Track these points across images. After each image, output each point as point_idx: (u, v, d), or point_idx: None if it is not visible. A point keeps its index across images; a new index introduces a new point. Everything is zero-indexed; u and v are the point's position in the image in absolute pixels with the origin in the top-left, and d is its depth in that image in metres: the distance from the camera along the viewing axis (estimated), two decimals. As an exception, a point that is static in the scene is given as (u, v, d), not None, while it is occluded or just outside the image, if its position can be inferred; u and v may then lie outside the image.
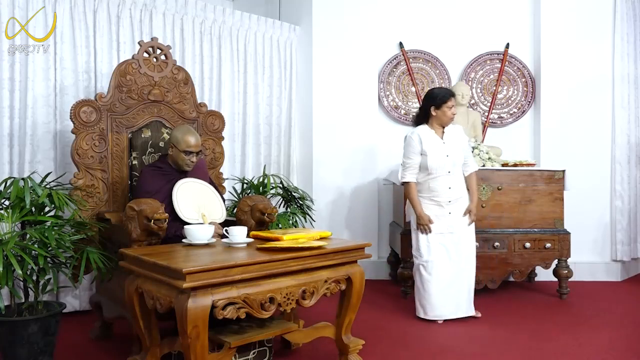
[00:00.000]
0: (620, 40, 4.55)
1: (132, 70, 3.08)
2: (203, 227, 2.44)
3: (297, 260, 2.21)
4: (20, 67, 3.24)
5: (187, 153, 2.79)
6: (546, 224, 3.90)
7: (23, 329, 2.40)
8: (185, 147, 2.78)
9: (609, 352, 2.80)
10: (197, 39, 4.09)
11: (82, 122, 2.88)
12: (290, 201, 4.03)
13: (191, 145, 2.79)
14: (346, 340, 2.50)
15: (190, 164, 2.82)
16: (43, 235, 2.37)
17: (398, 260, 4.24)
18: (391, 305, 3.75)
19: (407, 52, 4.73)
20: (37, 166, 3.24)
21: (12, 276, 2.31)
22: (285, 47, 4.68)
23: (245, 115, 4.41)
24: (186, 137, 2.79)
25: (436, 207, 3.31)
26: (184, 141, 2.78)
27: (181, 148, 2.78)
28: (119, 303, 2.62)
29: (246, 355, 2.36)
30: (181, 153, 2.79)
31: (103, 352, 2.78)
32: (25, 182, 2.45)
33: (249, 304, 2.04)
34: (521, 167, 3.97)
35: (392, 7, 4.72)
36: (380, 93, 4.70)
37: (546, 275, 4.32)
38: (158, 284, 2.04)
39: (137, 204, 2.45)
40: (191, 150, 2.79)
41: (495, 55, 4.75)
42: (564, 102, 4.58)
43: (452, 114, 3.28)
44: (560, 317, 3.43)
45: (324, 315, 2.87)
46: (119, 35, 3.61)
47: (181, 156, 2.79)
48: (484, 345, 2.89)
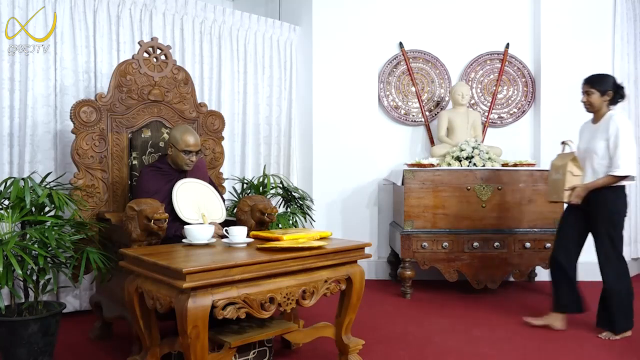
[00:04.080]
0: (620, 40, 4.55)
1: (132, 70, 3.08)
2: (203, 227, 2.44)
3: (297, 260, 2.21)
4: (20, 67, 3.24)
5: (186, 152, 2.79)
6: (546, 224, 3.90)
7: (23, 329, 2.40)
8: (184, 146, 2.78)
9: (609, 352, 2.80)
10: (197, 39, 4.09)
11: (82, 122, 2.88)
12: (290, 201, 4.03)
13: (190, 145, 2.78)
14: (346, 340, 2.50)
15: (189, 164, 2.82)
16: (43, 235, 2.37)
17: (398, 260, 4.25)
18: (391, 305, 3.75)
19: (407, 52, 4.73)
20: (37, 166, 3.24)
21: (12, 276, 2.31)
22: (285, 47, 4.68)
23: (245, 115, 4.41)
24: (185, 136, 2.78)
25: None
26: (183, 141, 2.78)
27: (180, 148, 2.78)
28: (119, 303, 2.62)
29: (246, 355, 2.36)
30: (180, 153, 2.78)
31: (103, 352, 2.78)
32: (25, 182, 2.45)
33: (249, 304, 2.04)
34: (521, 167, 3.97)
35: (392, 7, 4.72)
36: (380, 93, 4.70)
37: (546, 275, 4.31)
38: (158, 284, 2.04)
39: (137, 204, 2.45)
40: (190, 150, 2.79)
41: (495, 55, 4.75)
42: (564, 102, 4.57)
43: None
44: (560, 317, 3.43)
45: (324, 315, 2.87)
46: (119, 35, 3.61)
47: (180, 156, 2.79)
48: (484, 345, 2.89)
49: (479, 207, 3.90)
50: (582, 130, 3.26)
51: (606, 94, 3.03)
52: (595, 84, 3.04)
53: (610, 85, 3.04)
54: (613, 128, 2.96)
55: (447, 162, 4.15)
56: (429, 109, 4.77)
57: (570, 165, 3.09)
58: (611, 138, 2.95)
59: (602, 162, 2.99)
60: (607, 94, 3.03)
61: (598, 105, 3.06)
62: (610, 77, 3.08)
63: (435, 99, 4.78)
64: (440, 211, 3.90)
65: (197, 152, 2.83)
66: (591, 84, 3.06)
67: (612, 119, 2.99)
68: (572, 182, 3.07)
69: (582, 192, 3.02)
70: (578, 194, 3.02)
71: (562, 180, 3.10)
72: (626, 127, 2.96)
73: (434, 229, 3.88)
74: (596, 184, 3.00)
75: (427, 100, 4.77)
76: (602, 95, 3.03)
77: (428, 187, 3.89)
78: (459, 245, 3.86)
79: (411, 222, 3.90)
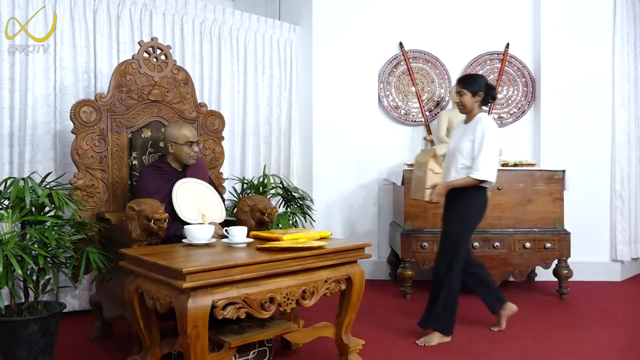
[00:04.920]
0: (620, 40, 4.55)
1: (132, 70, 3.08)
2: (203, 227, 2.44)
3: (297, 260, 2.21)
4: (20, 67, 3.24)
5: (189, 144, 2.81)
6: (546, 224, 3.90)
7: (23, 329, 2.40)
8: (185, 139, 2.81)
9: (608, 352, 2.80)
10: (197, 39, 4.09)
11: (82, 122, 2.88)
12: (290, 201, 4.03)
13: (190, 136, 2.83)
14: (346, 340, 2.50)
15: (194, 155, 2.84)
16: (43, 235, 2.37)
17: (398, 260, 4.25)
18: (391, 305, 3.75)
19: (407, 52, 4.73)
20: (37, 166, 3.24)
21: (12, 276, 2.31)
22: (285, 47, 4.68)
23: (245, 115, 4.41)
24: (182, 130, 2.83)
25: None
26: (182, 135, 2.81)
27: (181, 142, 2.80)
28: (119, 303, 2.62)
29: (246, 355, 2.36)
30: (183, 146, 2.80)
31: (103, 352, 2.78)
32: (25, 182, 2.45)
33: (249, 304, 2.04)
34: (521, 167, 3.97)
35: (392, 7, 4.72)
36: (380, 93, 4.70)
37: (546, 275, 4.32)
38: (158, 284, 2.04)
39: (137, 204, 2.45)
40: (191, 141, 2.83)
41: (495, 55, 4.75)
42: (564, 102, 4.58)
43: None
44: (560, 317, 3.44)
45: (324, 315, 2.87)
46: (119, 35, 3.61)
47: (184, 149, 2.81)
48: (484, 345, 2.89)
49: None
50: (455, 130, 3.19)
51: (477, 94, 2.95)
52: (467, 84, 2.96)
53: (482, 86, 2.96)
54: (479, 131, 2.88)
55: (447, 162, 4.14)
56: (429, 109, 4.77)
57: (431, 162, 2.97)
58: (476, 141, 2.88)
59: (466, 162, 2.92)
60: (478, 95, 2.95)
61: (470, 106, 2.97)
62: (481, 78, 3.01)
63: (435, 99, 4.78)
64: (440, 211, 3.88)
65: (197, 142, 2.87)
66: (463, 84, 2.98)
67: (480, 122, 2.91)
68: (432, 180, 2.96)
69: (442, 190, 2.93)
70: (439, 191, 2.93)
71: (424, 178, 2.98)
72: (492, 131, 2.88)
73: (434, 229, 3.88)
74: (456, 183, 2.92)
75: (427, 100, 4.77)
76: (474, 96, 2.95)
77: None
78: (459, 245, 3.85)
79: (411, 222, 3.90)
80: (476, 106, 2.99)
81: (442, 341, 2.92)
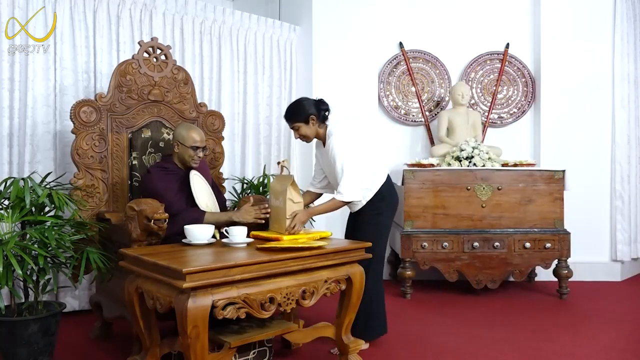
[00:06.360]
0: (620, 40, 4.55)
1: (132, 70, 3.08)
2: (203, 227, 2.44)
3: (297, 260, 2.21)
4: (20, 67, 3.24)
5: (194, 148, 2.80)
6: (546, 224, 3.90)
7: (23, 329, 2.40)
8: (192, 142, 2.79)
9: (608, 352, 2.80)
10: (197, 39, 4.09)
11: (82, 122, 2.88)
12: (290, 201, 4.02)
13: (197, 141, 2.81)
14: (346, 340, 2.50)
15: (197, 160, 2.83)
16: (43, 235, 2.37)
17: (398, 260, 4.25)
18: (391, 305, 3.74)
19: (407, 52, 4.73)
20: (37, 166, 3.24)
21: (12, 276, 2.31)
22: (285, 47, 4.68)
23: (245, 115, 4.41)
24: (191, 133, 2.81)
25: None
26: (190, 137, 2.79)
27: (188, 144, 2.79)
28: (119, 303, 2.62)
29: (246, 355, 2.36)
30: (189, 149, 2.79)
31: (103, 352, 2.78)
32: (25, 182, 2.45)
33: (249, 304, 2.04)
34: (521, 167, 3.97)
35: (392, 7, 4.72)
36: (380, 93, 4.70)
37: (546, 275, 4.32)
38: (158, 284, 2.04)
39: (137, 204, 2.45)
40: (198, 145, 2.81)
41: (495, 55, 4.75)
42: (564, 102, 4.58)
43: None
44: (560, 317, 3.44)
45: (324, 315, 2.87)
46: (118, 35, 3.61)
47: (189, 152, 2.80)
48: (483, 345, 2.89)
49: (479, 207, 3.90)
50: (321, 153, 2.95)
51: (310, 119, 2.76)
52: (295, 117, 2.78)
53: (309, 109, 2.77)
54: (331, 152, 2.72)
55: (447, 162, 4.15)
56: (429, 109, 4.77)
57: (289, 191, 2.65)
58: (333, 161, 2.72)
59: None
60: (311, 119, 2.76)
61: (313, 133, 2.80)
62: (304, 102, 2.81)
63: (435, 99, 4.78)
64: (440, 211, 3.90)
65: (203, 148, 2.86)
66: (291, 120, 2.80)
67: (329, 142, 2.75)
68: (292, 210, 2.66)
69: (304, 218, 2.65)
70: (300, 219, 2.62)
71: (283, 208, 2.65)
72: (341, 149, 2.70)
73: (434, 229, 3.88)
74: (319, 210, 2.76)
75: (427, 100, 4.77)
76: (307, 123, 2.77)
77: (428, 187, 3.90)
78: (458, 245, 3.86)
79: (411, 222, 3.90)
80: (318, 129, 2.81)
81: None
